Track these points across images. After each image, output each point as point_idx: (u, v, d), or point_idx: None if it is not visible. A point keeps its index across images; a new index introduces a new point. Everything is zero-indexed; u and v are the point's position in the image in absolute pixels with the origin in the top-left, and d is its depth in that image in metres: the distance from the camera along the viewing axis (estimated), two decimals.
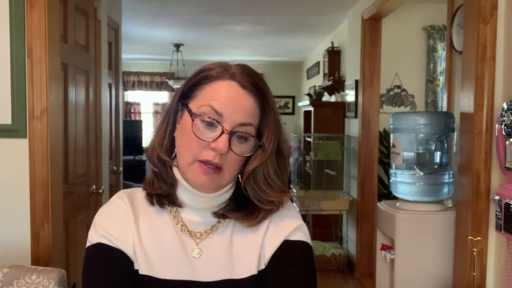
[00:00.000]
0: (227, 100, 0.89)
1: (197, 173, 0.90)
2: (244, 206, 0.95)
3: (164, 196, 0.96)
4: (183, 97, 0.95)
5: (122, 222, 0.95)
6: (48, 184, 1.87)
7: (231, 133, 0.89)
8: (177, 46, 6.80)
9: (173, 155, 0.96)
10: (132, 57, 8.23)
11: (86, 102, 2.66)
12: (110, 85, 3.36)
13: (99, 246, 0.93)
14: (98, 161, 2.88)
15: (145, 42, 6.70)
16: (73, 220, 2.43)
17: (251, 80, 0.92)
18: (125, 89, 8.98)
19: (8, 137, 1.87)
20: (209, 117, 0.89)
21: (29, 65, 1.83)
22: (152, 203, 0.97)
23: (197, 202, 0.95)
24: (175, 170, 0.95)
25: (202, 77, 0.93)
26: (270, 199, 0.93)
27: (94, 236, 0.94)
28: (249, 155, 0.92)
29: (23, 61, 1.84)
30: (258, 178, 0.93)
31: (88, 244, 0.95)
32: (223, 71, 0.92)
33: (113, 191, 3.43)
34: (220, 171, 0.90)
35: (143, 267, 0.92)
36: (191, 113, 0.90)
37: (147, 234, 0.94)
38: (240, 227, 0.96)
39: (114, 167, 3.51)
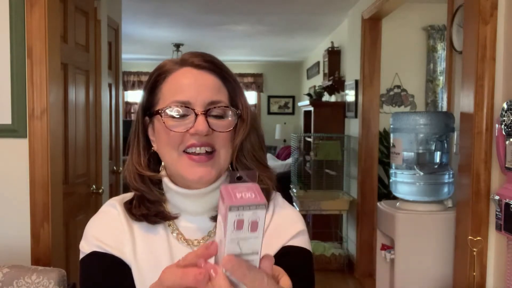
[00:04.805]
0: (187, 86, 0.87)
1: (190, 168, 0.85)
2: None
3: (153, 215, 0.90)
4: (147, 110, 0.92)
5: (115, 232, 0.89)
6: (48, 184, 1.87)
7: (206, 113, 0.85)
8: (177, 46, 6.80)
9: (160, 167, 0.92)
10: (132, 57, 8.23)
11: (86, 102, 2.66)
12: (110, 85, 3.36)
13: (94, 255, 0.87)
14: (98, 161, 2.88)
15: (145, 42, 6.70)
16: (73, 220, 2.43)
17: (204, 58, 0.89)
18: (125, 89, 8.98)
19: (8, 137, 1.87)
20: (177, 110, 0.86)
21: (29, 65, 1.83)
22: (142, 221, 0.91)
23: (192, 206, 0.90)
24: (165, 180, 0.91)
25: (156, 78, 0.90)
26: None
27: (85, 247, 0.89)
28: (232, 128, 0.88)
29: (23, 61, 1.84)
30: (246, 152, 0.91)
31: (81, 255, 0.89)
32: (174, 63, 0.90)
33: (113, 191, 3.43)
34: (213, 154, 0.86)
35: (138, 285, 0.86)
36: (158, 113, 0.87)
37: (142, 247, 0.89)
38: None
39: (114, 167, 3.51)
